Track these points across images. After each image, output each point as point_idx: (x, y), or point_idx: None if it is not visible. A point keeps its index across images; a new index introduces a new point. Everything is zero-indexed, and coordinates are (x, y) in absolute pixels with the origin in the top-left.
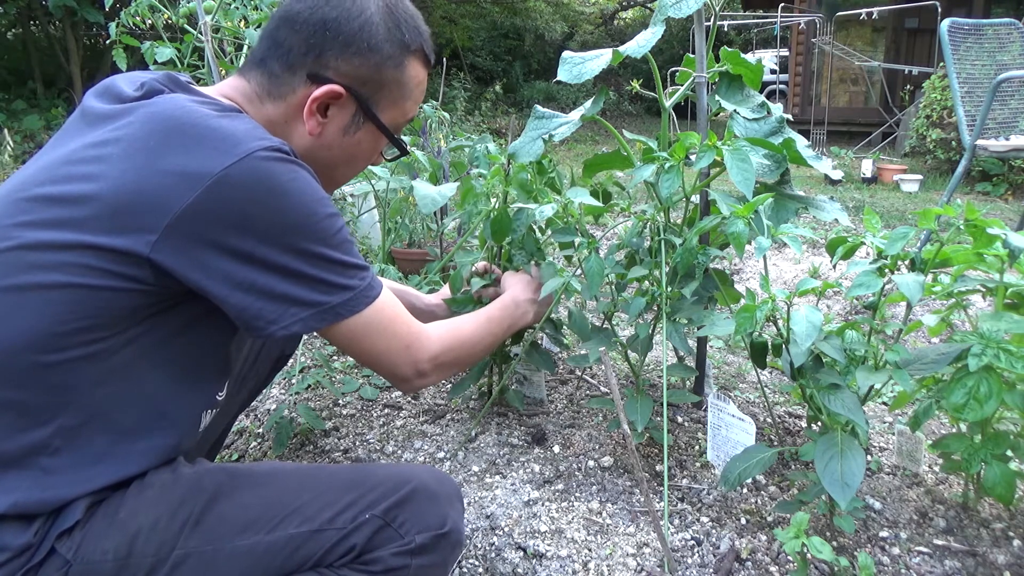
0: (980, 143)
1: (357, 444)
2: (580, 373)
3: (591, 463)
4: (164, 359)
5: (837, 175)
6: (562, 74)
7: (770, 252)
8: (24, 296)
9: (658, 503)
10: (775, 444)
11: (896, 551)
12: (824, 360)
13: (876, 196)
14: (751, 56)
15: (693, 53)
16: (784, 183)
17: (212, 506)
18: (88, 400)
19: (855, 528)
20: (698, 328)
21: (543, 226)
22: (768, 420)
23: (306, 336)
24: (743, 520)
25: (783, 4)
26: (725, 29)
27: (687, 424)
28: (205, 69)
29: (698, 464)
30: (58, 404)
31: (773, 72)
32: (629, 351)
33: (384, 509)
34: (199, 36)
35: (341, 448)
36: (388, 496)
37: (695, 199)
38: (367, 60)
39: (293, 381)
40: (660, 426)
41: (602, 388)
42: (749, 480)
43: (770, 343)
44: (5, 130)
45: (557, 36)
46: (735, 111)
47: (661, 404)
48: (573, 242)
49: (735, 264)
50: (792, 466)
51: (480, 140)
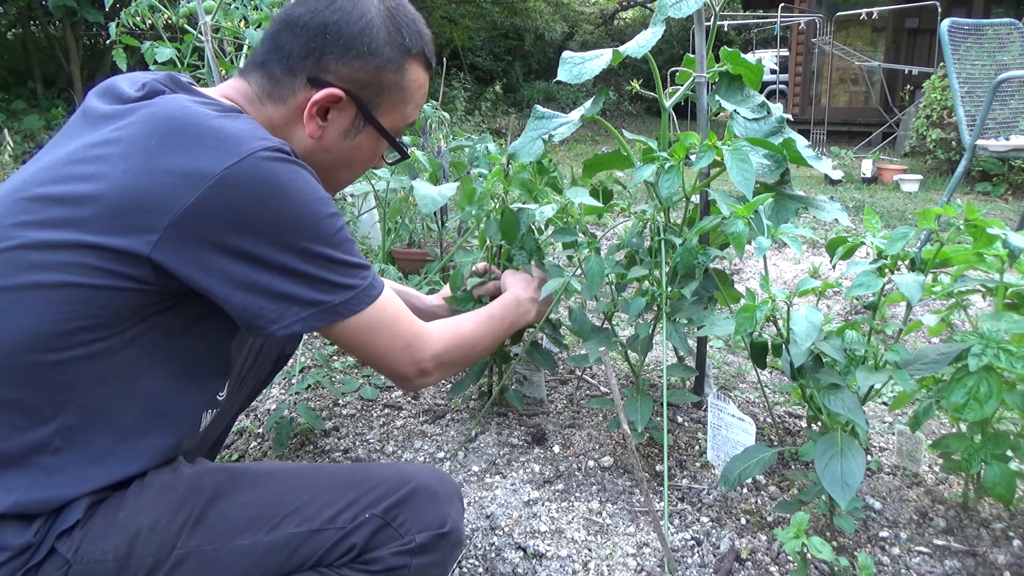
0: (980, 143)
1: (357, 444)
2: (580, 373)
3: (591, 463)
4: (165, 359)
5: (837, 175)
6: (562, 74)
7: (770, 252)
8: (25, 295)
9: (658, 503)
10: (775, 444)
11: (896, 551)
12: (824, 360)
13: (876, 196)
14: (751, 56)
15: (693, 53)
16: (784, 183)
17: (212, 506)
18: (89, 399)
19: (855, 528)
20: (698, 328)
21: (543, 226)
22: (768, 420)
23: (306, 336)
24: (743, 520)
25: (783, 4)
26: (725, 29)
27: (687, 424)
28: (205, 69)
29: (698, 464)
30: (59, 403)
31: (773, 72)
32: (629, 351)
33: (384, 508)
34: (199, 36)
35: (341, 448)
36: (388, 495)
37: (695, 199)
38: (367, 64)
39: (293, 381)
40: (660, 426)
41: (602, 388)
42: (749, 480)
43: (770, 343)
44: (5, 130)
45: (557, 36)
46: (735, 111)
47: (661, 404)
48: (574, 242)
49: (735, 264)
50: (792, 466)
51: (480, 140)
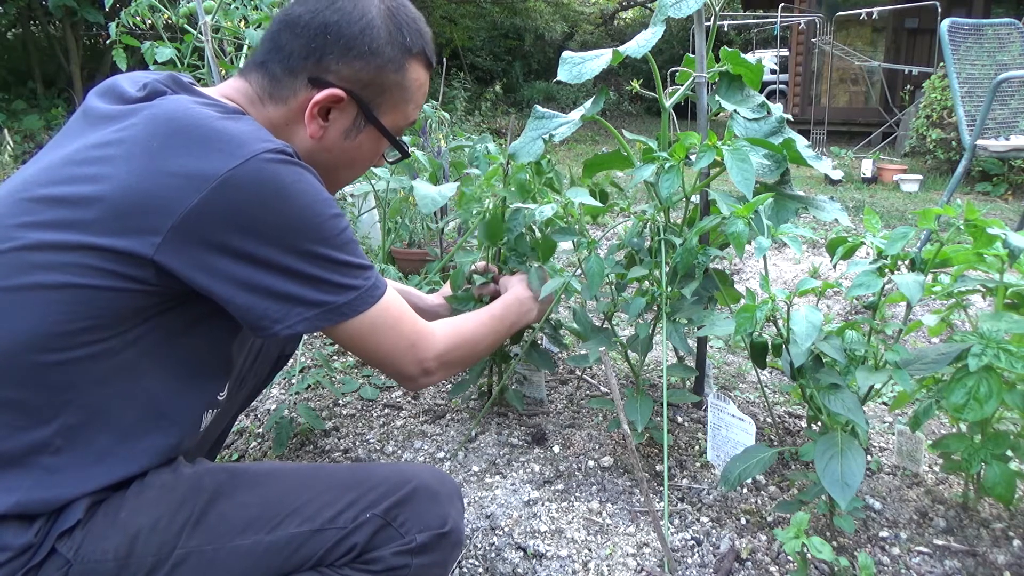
0: (980, 143)
1: (357, 444)
2: (580, 373)
3: (591, 463)
4: (167, 359)
5: (837, 175)
6: (562, 74)
7: (770, 252)
8: (26, 296)
9: (658, 503)
10: (775, 444)
11: (896, 551)
12: (824, 360)
13: (876, 196)
14: (751, 56)
15: (693, 53)
16: (784, 183)
17: (213, 506)
18: (90, 399)
19: (855, 528)
20: (698, 328)
21: (542, 227)
22: (768, 420)
23: (306, 336)
24: (743, 520)
25: (783, 4)
26: (725, 29)
27: (687, 424)
28: (205, 69)
29: (698, 464)
30: (60, 403)
31: (773, 72)
32: (629, 351)
33: (385, 508)
34: (199, 36)
35: (341, 448)
36: (389, 495)
37: (695, 199)
38: (368, 64)
39: (293, 381)
40: (660, 426)
41: (602, 388)
42: (749, 480)
43: (770, 343)
44: (5, 130)
45: (557, 36)
46: (735, 111)
47: (661, 404)
48: (573, 243)
49: (735, 264)
50: (792, 466)
51: (480, 140)
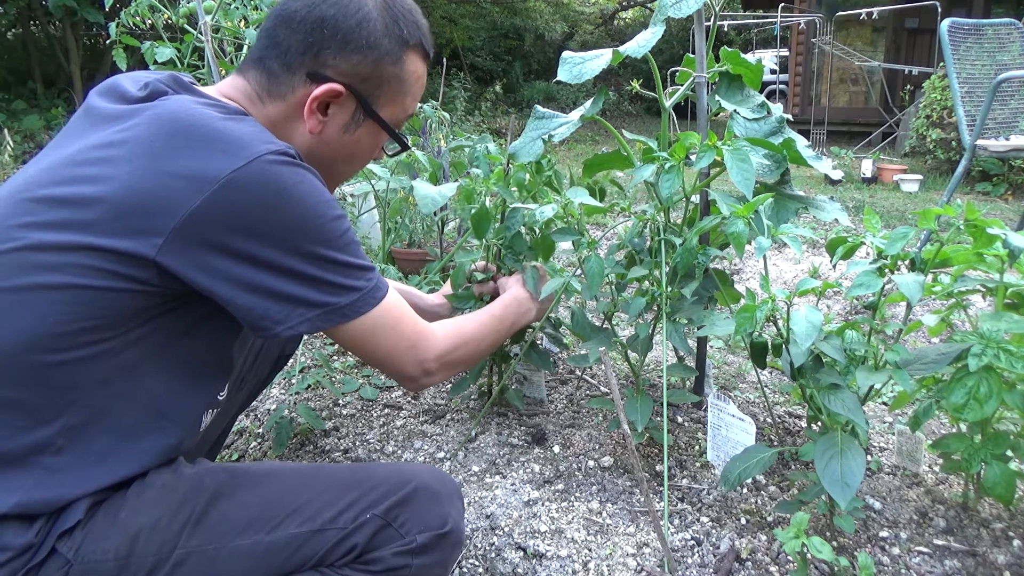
0: (980, 143)
1: (357, 444)
2: (580, 373)
3: (591, 463)
4: (168, 359)
5: (837, 175)
6: (562, 74)
7: (770, 252)
8: (28, 296)
9: (658, 503)
10: (775, 444)
11: (896, 551)
12: (824, 360)
13: (876, 196)
14: (751, 56)
15: (693, 53)
16: (784, 183)
17: (213, 506)
18: (92, 399)
19: (855, 528)
20: (698, 328)
21: (542, 227)
22: (768, 420)
23: (306, 336)
24: (743, 520)
25: (783, 4)
26: (725, 29)
27: (687, 424)
28: (205, 69)
29: (698, 464)
30: (61, 404)
31: (773, 72)
32: (629, 351)
33: (385, 509)
34: (199, 36)
35: (341, 448)
36: (389, 496)
37: (695, 199)
38: (365, 57)
39: (293, 381)
40: (660, 426)
41: (602, 388)
42: (749, 480)
43: (770, 343)
44: (5, 130)
45: (557, 36)
46: (735, 111)
47: (661, 404)
48: (573, 243)
49: (735, 264)
50: (792, 466)
51: (480, 140)
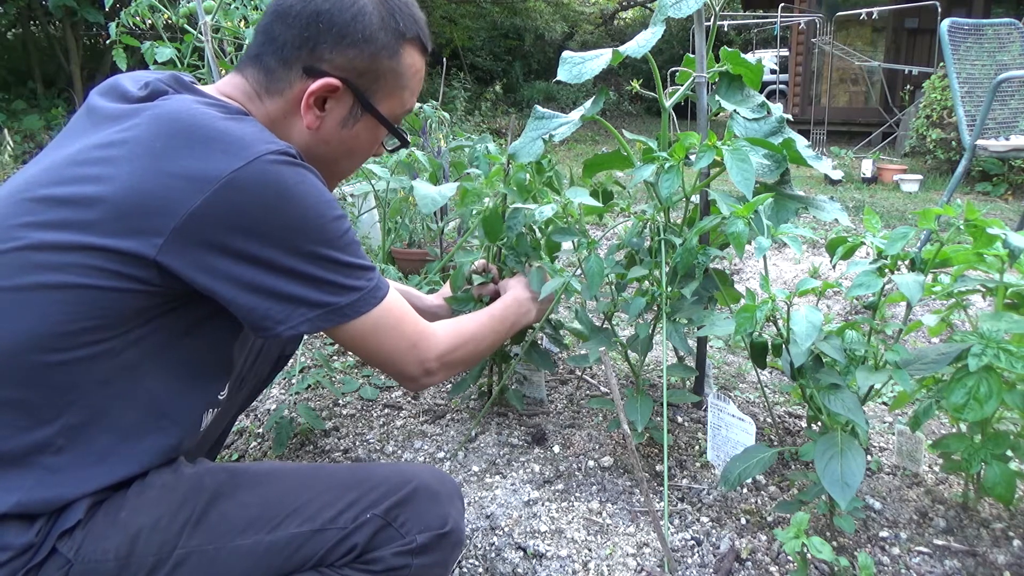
0: (980, 143)
1: (357, 444)
2: (580, 373)
3: (591, 463)
4: (169, 359)
5: (837, 175)
6: (562, 74)
7: (770, 252)
8: (29, 296)
9: (658, 503)
10: (775, 444)
11: (896, 551)
12: (824, 360)
13: (876, 196)
14: (751, 56)
15: (693, 53)
16: (784, 183)
17: (213, 505)
18: (92, 399)
19: (855, 528)
20: (698, 328)
21: (543, 227)
22: (768, 420)
23: (306, 336)
24: (743, 520)
25: (783, 4)
26: (725, 29)
27: (687, 424)
28: (205, 69)
29: (698, 464)
30: (62, 403)
31: (773, 72)
32: (629, 351)
33: (385, 509)
34: (199, 36)
35: (341, 448)
36: (389, 496)
37: (695, 199)
38: (362, 51)
39: (293, 381)
40: (660, 426)
41: (602, 388)
42: (749, 480)
43: (770, 343)
44: (5, 130)
45: (557, 36)
46: (735, 111)
47: (661, 404)
48: (573, 243)
49: (735, 264)
50: (792, 466)
51: (480, 140)
